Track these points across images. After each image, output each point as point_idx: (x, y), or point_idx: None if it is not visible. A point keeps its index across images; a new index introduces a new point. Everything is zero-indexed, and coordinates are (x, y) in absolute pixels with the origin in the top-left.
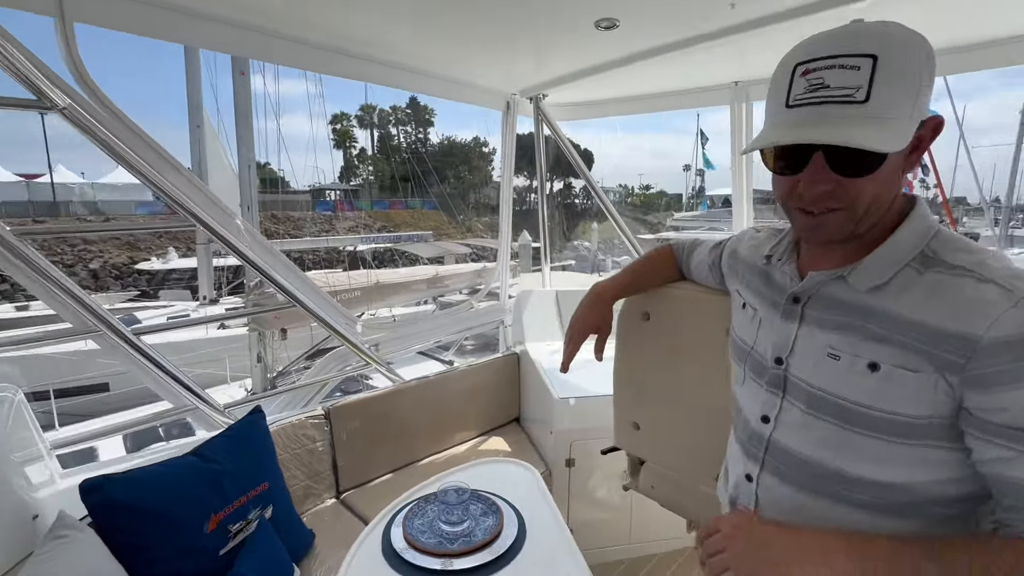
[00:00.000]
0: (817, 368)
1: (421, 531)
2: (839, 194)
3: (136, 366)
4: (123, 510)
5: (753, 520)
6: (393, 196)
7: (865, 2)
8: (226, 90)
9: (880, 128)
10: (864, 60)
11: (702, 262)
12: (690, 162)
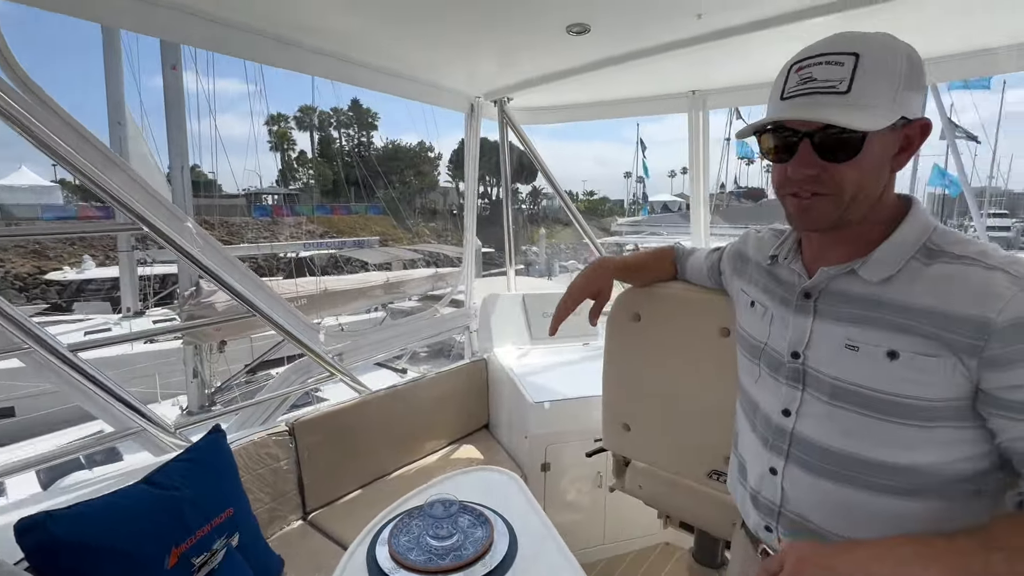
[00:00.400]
0: (836, 360)
1: (408, 548)
2: (824, 179)
3: (72, 386)
4: (68, 550)
5: (815, 547)
6: (336, 201)
7: (820, 18)
8: (154, 87)
9: (858, 112)
10: (847, 57)
11: (699, 264)
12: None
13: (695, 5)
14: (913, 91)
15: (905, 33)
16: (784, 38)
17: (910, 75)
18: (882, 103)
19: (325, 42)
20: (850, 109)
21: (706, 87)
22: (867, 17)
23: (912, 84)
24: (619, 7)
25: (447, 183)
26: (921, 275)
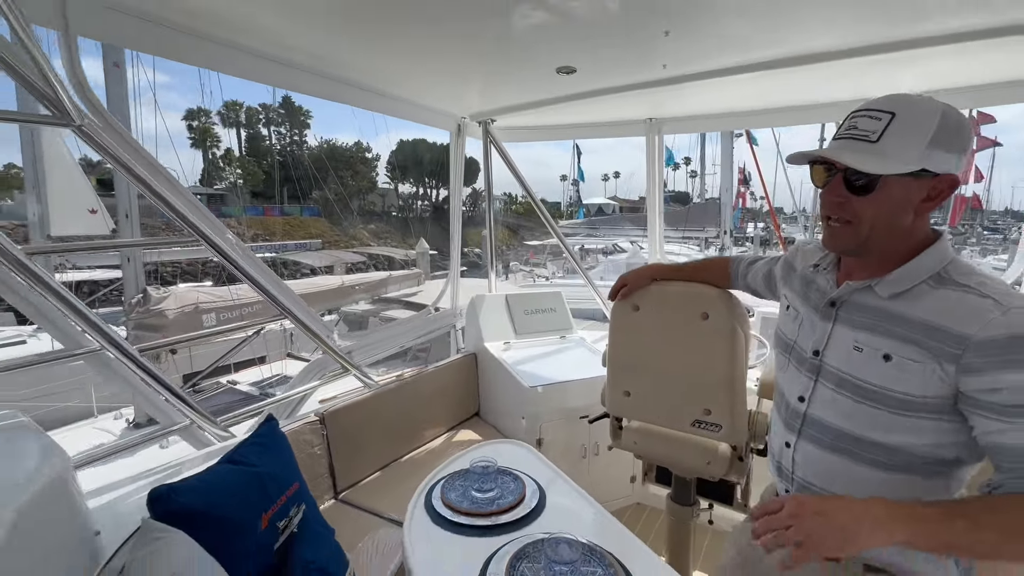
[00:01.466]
0: (846, 358)
1: (459, 501)
2: (847, 207)
3: (133, 384)
4: (189, 517)
5: (811, 499)
6: (268, 202)
7: (748, 75)
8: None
9: (876, 158)
10: (886, 115)
11: (758, 272)
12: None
13: (662, 58)
14: (942, 150)
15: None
16: (725, 84)
17: (938, 136)
18: (902, 155)
19: (323, 64)
20: (870, 156)
21: (661, 116)
22: (785, 75)
23: (941, 143)
24: (602, 55)
25: (385, 184)
26: (927, 296)
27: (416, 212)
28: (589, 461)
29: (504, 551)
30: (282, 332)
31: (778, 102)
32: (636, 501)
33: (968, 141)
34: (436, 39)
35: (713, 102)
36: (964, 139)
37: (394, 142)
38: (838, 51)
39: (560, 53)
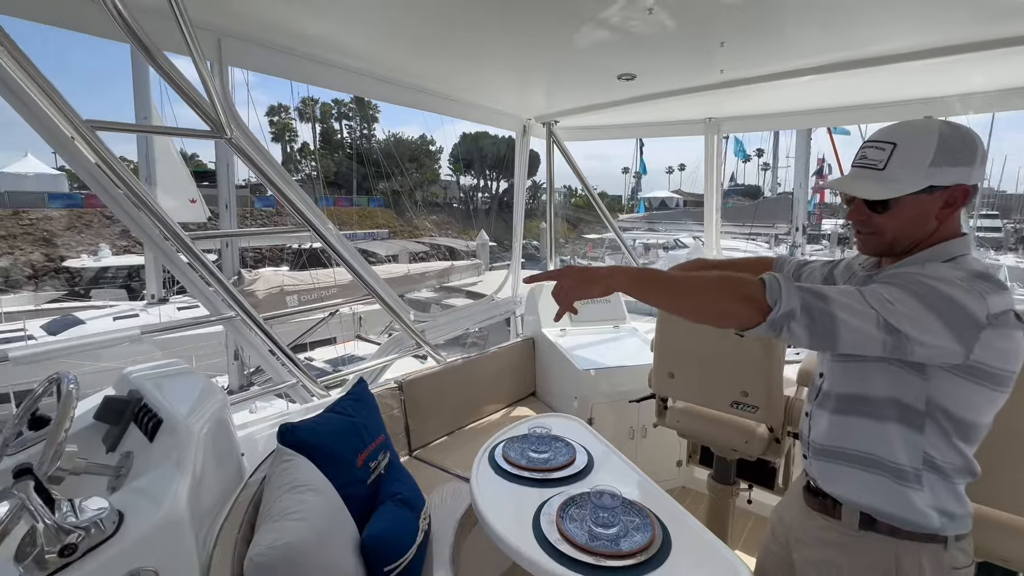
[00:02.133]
0: None
1: (517, 458)
2: (869, 223)
3: (256, 348)
4: (306, 447)
5: (571, 265)
6: (338, 193)
7: (808, 77)
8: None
9: (884, 185)
10: (888, 145)
11: (814, 272)
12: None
13: (719, 64)
14: (947, 165)
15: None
16: (785, 86)
17: (939, 156)
18: (908, 179)
19: (404, 76)
20: (879, 184)
21: (720, 115)
22: (844, 77)
23: (944, 161)
24: (661, 63)
25: (448, 176)
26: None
27: (476, 204)
28: (637, 442)
29: (555, 499)
30: (352, 316)
31: (840, 101)
32: (682, 484)
33: (974, 151)
34: (506, 51)
35: (773, 102)
36: (968, 152)
37: (457, 135)
38: (900, 54)
39: (621, 62)
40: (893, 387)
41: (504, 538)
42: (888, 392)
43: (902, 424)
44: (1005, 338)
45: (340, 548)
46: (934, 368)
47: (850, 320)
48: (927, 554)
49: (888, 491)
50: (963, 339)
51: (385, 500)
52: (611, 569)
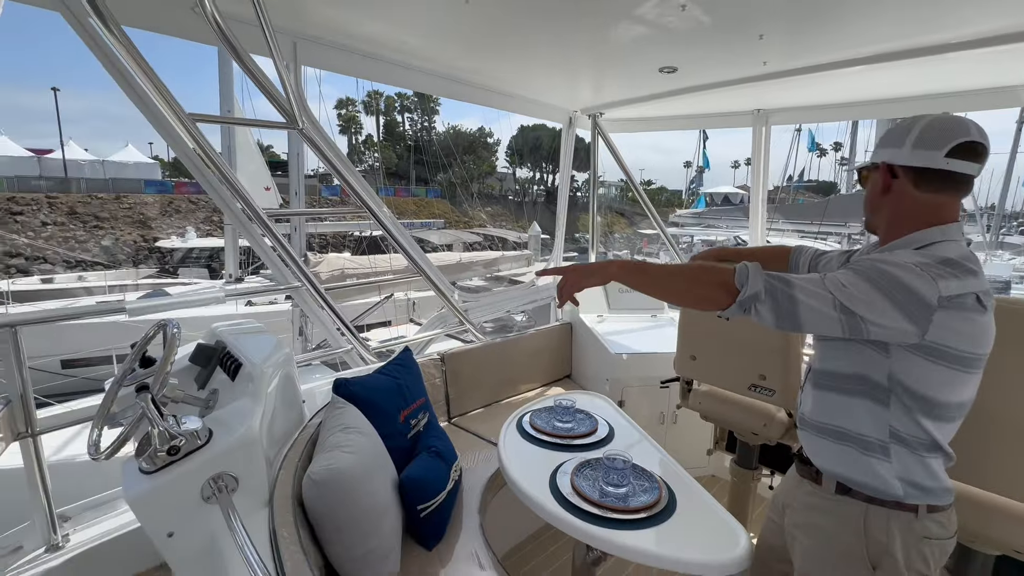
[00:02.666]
0: None
1: (543, 426)
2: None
3: (317, 316)
4: (356, 399)
5: (576, 264)
6: (399, 183)
7: (856, 68)
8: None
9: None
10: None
11: (832, 261)
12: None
13: (761, 56)
14: (879, 147)
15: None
16: (834, 77)
17: (884, 137)
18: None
19: (459, 72)
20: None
21: (768, 107)
22: (897, 67)
23: (882, 142)
24: (701, 56)
25: (504, 169)
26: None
27: (532, 196)
28: (667, 428)
29: (573, 461)
30: (407, 301)
31: (899, 92)
32: (711, 473)
33: (905, 135)
34: (551, 48)
35: (826, 93)
36: (900, 134)
37: (514, 127)
38: (961, 42)
39: (661, 55)
40: (860, 364)
41: (523, 489)
42: (856, 369)
43: (869, 399)
44: (964, 320)
45: (381, 482)
46: (895, 347)
47: (809, 302)
48: (896, 520)
49: (855, 460)
50: (914, 319)
51: (421, 451)
52: (616, 521)
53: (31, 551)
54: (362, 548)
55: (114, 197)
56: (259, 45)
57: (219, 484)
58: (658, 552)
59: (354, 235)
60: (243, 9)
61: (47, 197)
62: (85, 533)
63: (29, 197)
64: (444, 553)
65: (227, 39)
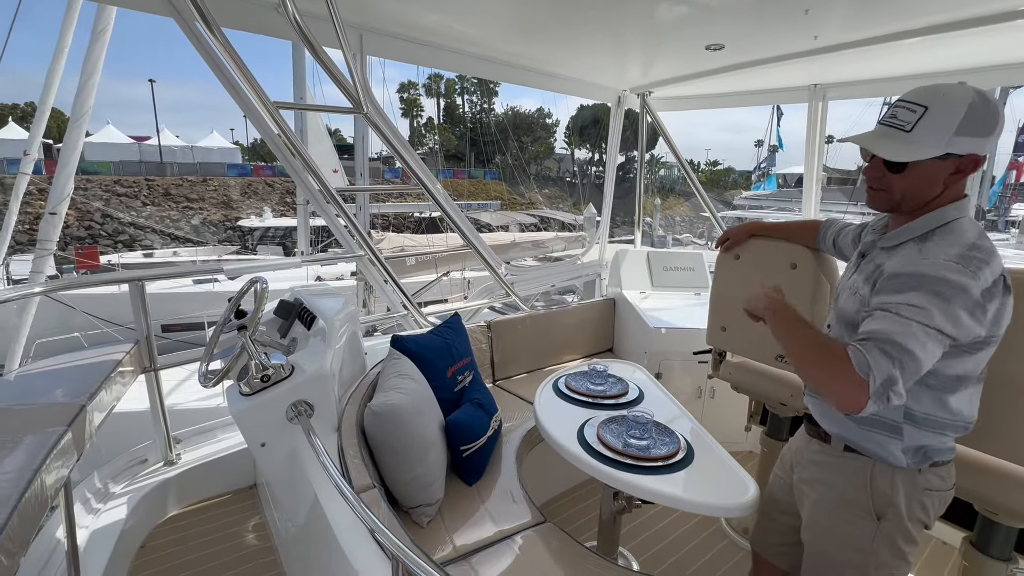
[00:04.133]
0: (845, 295)
1: (576, 387)
2: (883, 180)
3: (379, 284)
4: (410, 353)
5: (769, 296)
6: (458, 166)
7: (916, 39)
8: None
9: (907, 147)
10: (920, 108)
11: (848, 234)
12: (763, 137)
13: (811, 30)
14: (968, 135)
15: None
16: (892, 50)
17: (964, 125)
18: (930, 143)
19: (514, 58)
20: (902, 144)
21: (826, 81)
22: (955, 40)
23: (968, 130)
24: (748, 32)
25: (563, 150)
26: (906, 250)
27: (591, 177)
28: (704, 403)
29: (601, 416)
30: (463, 280)
31: (966, 64)
32: (748, 449)
33: (995, 125)
34: (600, 28)
35: (887, 67)
36: (991, 124)
37: (574, 108)
38: (1016, 11)
39: (707, 33)
40: None
41: (552, 435)
42: None
43: None
44: (996, 305)
45: (429, 421)
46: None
47: (927, 351)
48: (900, 475)
49: (866, 436)
50: (978, 320)
51: (465, 402)
52: (636, 467)
53: (153, 464)
54: (410, 474)
55: (201, 179)
56: (329, 38)
57: (299, 409)
58: (671, 492)
59: (414, 216)
60: (316, 7)
61: (146, 180)
62: (193, 453)
63: (131, 180)
64: (483, 489)
65: (304, 34)
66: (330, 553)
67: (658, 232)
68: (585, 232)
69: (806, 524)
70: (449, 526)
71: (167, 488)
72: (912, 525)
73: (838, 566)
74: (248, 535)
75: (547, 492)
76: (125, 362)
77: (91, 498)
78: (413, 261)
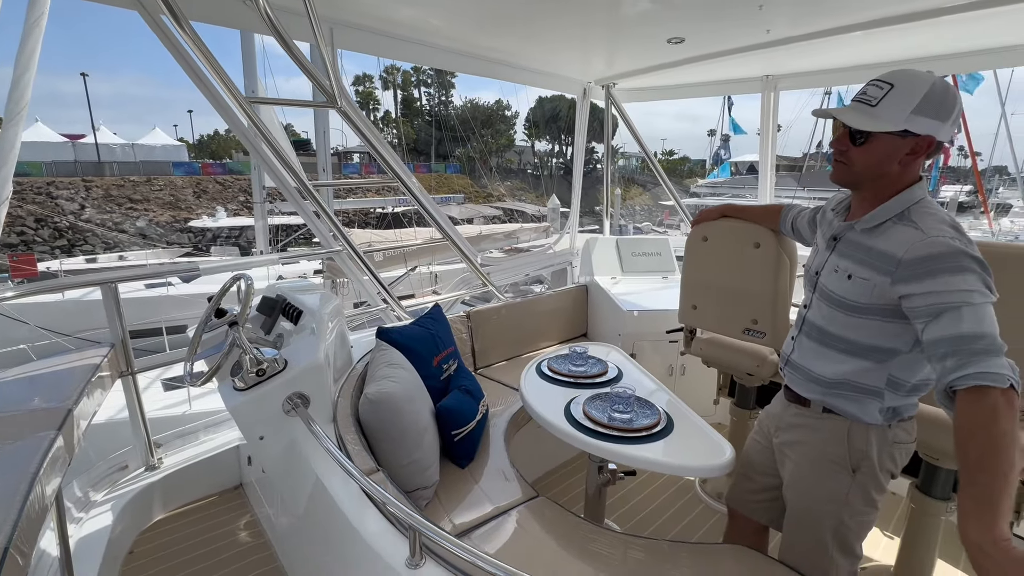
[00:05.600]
0: (829, 277)
1: (558, 369)
2: (846, 154)
3: (358, 277)
4: (397, 344)
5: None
6: (418, 159)
7: (861, 32)
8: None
9: (869, 119)
10: (887, 85)
11: (804, 217)
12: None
13: (765, 24)
14: (925, 116)
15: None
16: (837, 43)
17: (923, 105)
18: (891, 118)
19: (478, 49)
20: (866, 117)
21: (777, 72)
22: (898, 33)
23: (925, 111)
24: (706, 27)
25: (523, 142)
26: (889, 231)
27: (550, 169)
28: (675, 379)
29: (585, 394)
30: (429, 274)
31: (905, 55)
32: (718, 421)
33: (951, 110)
34: (563, 23)
35: (834, 58)
36: (948, 109)
37: (532, 100)
38: (943, 8)
39: (668, 26)
40: (884, 338)
41: (542, 415)
42: (877, 341)
43: (875, 361)
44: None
45: (421, 407)
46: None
47: (994, 322)
48: (874, 431)
49: (846, 399)
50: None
51: (453, 389)
52: (621, 438)
53: (134, 470)
54: (408, 458)
55: (145, 179)
56: (297, 32)
57: (295, 401)
58: (656, 459)
59: (377, 212)
60: (289, 0)
61: (83, 181)
62: (175, 457)
63: (67, 181)
64: (475, 470)
65: (275, 28)
66: (340, 537)
67: (620, 221)
68: (549, 222)
69: (788, 483)
70: (447, 507)
71: (151, 493)
72: (882, 475)
73: (818, 518)
74: (240, 533)
75: (535, 471)
76: (103, 366)
77: (72, 507)
78: (382, 256)
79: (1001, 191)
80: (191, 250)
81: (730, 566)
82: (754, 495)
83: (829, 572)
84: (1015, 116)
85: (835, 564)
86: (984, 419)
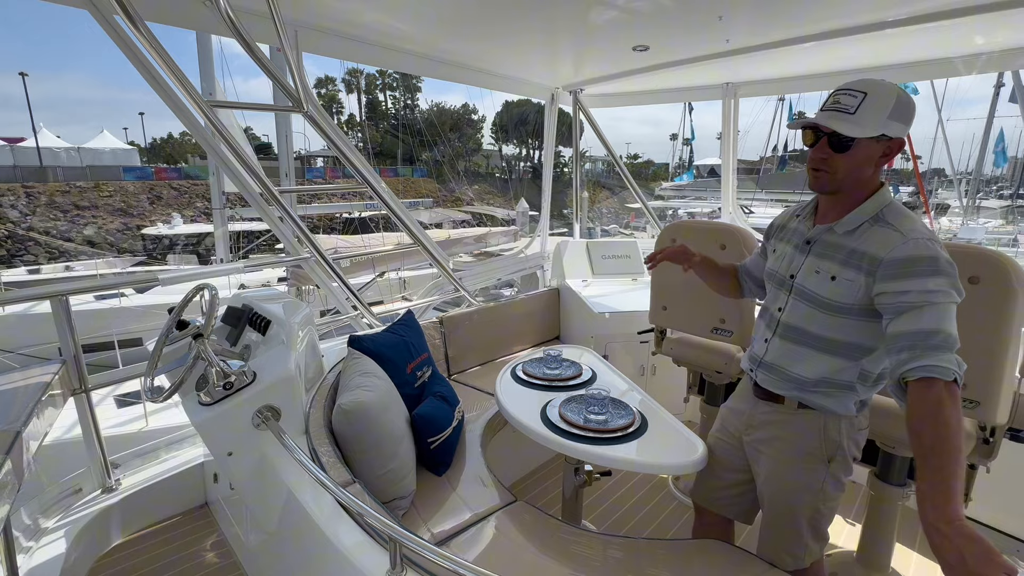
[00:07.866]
0: (808, 279)
1: (533, 372)
2: (828, 162)
3: (327, 285)
4: (370, 352)
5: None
6: (384, 163)
7: (813, 43)
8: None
9: (854, 126)
10: (860, 94)
11: (755, 262)
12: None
13: (723, 35)
14: (897, 121)
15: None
16: (795, 53)
17: (895, 110)
18: (871, 124)
19: (446, 55)
20: (850, 124)
21: (737, 80)
22: (847, 44)
23: (897, 116)
24: (670, 35)
25: (490, 146)
26: (867, 232)
27: (518, 173)
28: (647, 379)
29: (560, 397)
30: (399, 280)
31: (853, 65)
32: (687, 419)
33: (913, 114)
34: (534, 27)
35: (789, 66)
36: (911, 113)
37: (499, 104)
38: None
39: (634, 35)
40: (865, 336)
41: (518, 419)
42: (858, 339)
43: (851, 359)
44: None
45: (397, 416)
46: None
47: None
48: (844, 421)
49: (825, 396)
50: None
51: (428, 396)
52: (597, 439)
53: (89, 493)
54: (383, 468)
55: (93, 185)
56: (261, 34)
57: (265, 414)
58: (632, 458)
59: (341, 217)
60: (251, 2)
61: (23, 187)
62: (134, 478)
63: (5, 187)
64: (452, 477)
65: (236, 29)
66: (316, 552)
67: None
68: (518, 226)
69: (766, 478)
70: (424, 515)
71: (108, 516)
72: (850, 460)
73: (796, 509)
74: (207, 554)
75: (512, 475)
76: (55, 384)
77: (20, 536)
78: (349, 263)
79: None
80: (145, 259)
81: (705, 559)
82: (721, 491)
83: (803, 559)
84: (951, 122)
85: (809, 550)
86: (932, 407)
